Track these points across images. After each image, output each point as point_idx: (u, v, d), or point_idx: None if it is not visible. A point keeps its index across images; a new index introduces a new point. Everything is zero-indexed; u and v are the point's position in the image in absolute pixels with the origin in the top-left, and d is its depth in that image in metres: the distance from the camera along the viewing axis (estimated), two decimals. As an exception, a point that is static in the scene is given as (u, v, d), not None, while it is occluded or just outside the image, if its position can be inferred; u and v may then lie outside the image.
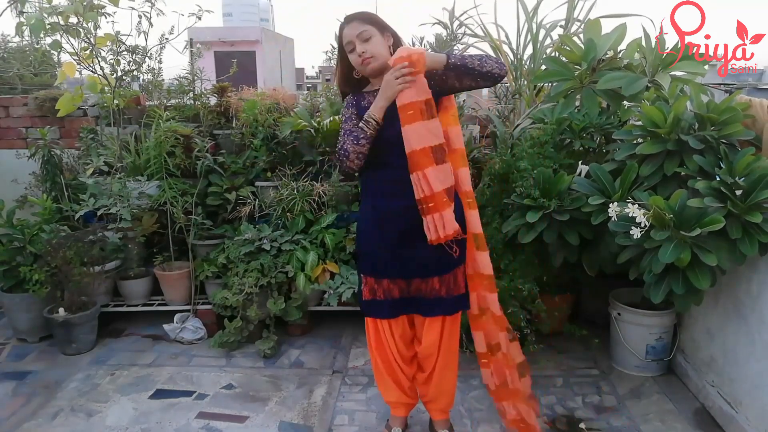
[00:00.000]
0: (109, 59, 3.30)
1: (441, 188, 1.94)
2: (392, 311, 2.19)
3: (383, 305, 2.17)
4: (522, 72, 3.61)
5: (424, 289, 2.14)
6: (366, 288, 2.17)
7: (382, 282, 2.14)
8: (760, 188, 2.05)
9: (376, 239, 2.12)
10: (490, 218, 3.01)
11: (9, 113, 4.06)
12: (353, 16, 2.02)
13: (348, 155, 1.96)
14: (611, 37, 2.89)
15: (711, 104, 2.37)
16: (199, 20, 3.33)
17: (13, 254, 3.22)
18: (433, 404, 2.36)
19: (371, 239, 2.14)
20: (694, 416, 2.52)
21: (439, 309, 2.17)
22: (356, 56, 2.00)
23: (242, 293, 3.10)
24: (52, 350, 3.25)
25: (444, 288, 2.13)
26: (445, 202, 1.96)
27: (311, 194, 3.29)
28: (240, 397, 2.76)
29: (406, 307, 2.20)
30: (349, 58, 2.04)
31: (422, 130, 1.91)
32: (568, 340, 3.15)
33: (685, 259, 2.09)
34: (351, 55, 2.02)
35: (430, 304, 2.16)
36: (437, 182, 1.93)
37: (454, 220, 1.98)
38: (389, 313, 2.19)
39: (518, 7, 3.53)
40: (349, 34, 2.00)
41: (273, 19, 22.59)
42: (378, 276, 2.15)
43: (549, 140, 2.88)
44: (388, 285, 2.14)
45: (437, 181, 1.93)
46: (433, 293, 2.14)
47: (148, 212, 3.45)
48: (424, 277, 2.12)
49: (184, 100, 3.64)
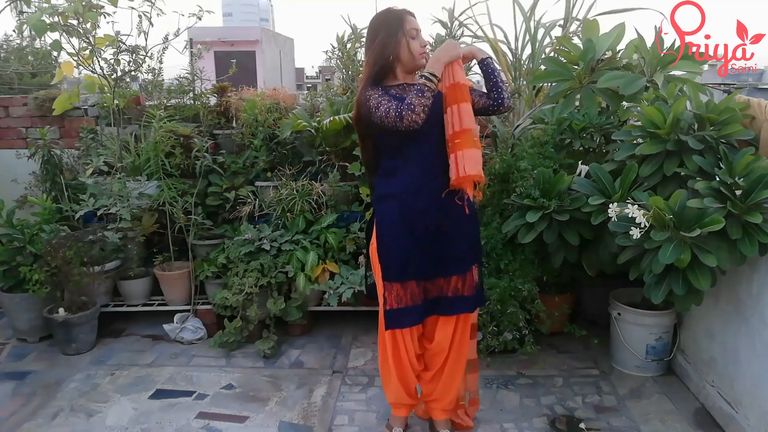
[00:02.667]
0: (109, 60, 3.30)
1: (470, 126, 2.01)
2: (420, 316, 2.17)
3: (410, 313, 2.13)
4: (521, 72, 3.60)
5: (445, 288, 2.16)
6: (391, 296, 2.10)
7: (408, 285, 2.11)
8: (759, 188, 2.05)
9: (405, 239, 2.09)
10: (490, 218, 3.01)
11: (9, 113, 4.06)
12: (412, 12, 2.09)
13: (413, 108, 1.91)
14: (610, 36, 2.90)
15: (710, 104, 2.37)
16: (199, 20, 3.33)
17: (13, 254, 3.21)
18: (437, 403, 2.36)
19: (399, 240, 2.10)
20: (694, 416, 2.52)
21: (460, 307, 2.18)
22: (419, 45, 2.05)
23: (242, 293, 3.10)
24: (52, 350, 3.25)
25: (465, 286, 2.15)
26: (474, 142, 2.01)
27: (311, 194, 3.29)
28: (240, 397, 2.76)
29: (428, 310, 2.20)
30: (409, 43, 2.04)
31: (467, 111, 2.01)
32: (569, 340, 3.15)
33: (685, 260, 2.09)
34: (414, 41, 2.05)
35: (451, 302, 2.17)
36: (467, 119, 2.01)
37: (479, 163, 2.02)
38: (418, 318, 2.16)
39: (515, 6, 3.53)
40: (414, 23, 2.06)
41: (273, 19, 22.61)
42: (405, 279, 2.10)
43: (549, 140, 2.89)
44: (414, 288, 2.12)
45: (467, 118, 2.01)
46: (455, 291, 2.16)
47: (147, 212, 3.45)
48: (447, 276, 2.14)
49: (184, 100, 3.64)
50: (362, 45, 3.63)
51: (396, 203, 2.10)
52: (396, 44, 2.03)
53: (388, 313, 2.12)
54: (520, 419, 2.54)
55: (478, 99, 2.14)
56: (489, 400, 2.69)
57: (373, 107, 1.99)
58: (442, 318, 2.22)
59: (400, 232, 2.10)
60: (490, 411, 2.59)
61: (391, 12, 2.07)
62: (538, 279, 2.96)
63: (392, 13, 2.06)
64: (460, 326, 2.25)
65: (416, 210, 2.08)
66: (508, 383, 2.83)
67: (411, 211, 2.08)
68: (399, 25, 2.03)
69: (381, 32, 2.05)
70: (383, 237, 2.14)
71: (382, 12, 2.10)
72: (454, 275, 2.14)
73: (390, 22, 2.04)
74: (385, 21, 2.06)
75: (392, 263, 2.11)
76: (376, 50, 2.05)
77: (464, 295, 2.16)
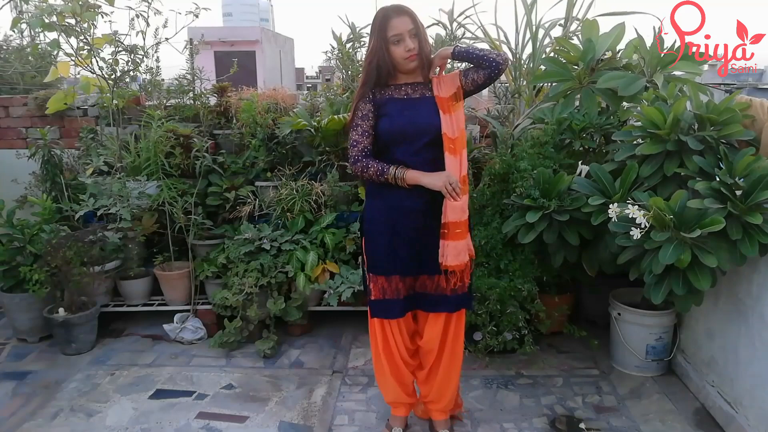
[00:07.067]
0: (107, 59, 3.29)
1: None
2: (402, 310, 2.22)
3: (394, 305, 2.19)
4: (521, 72, 3.60)
5: (429, 286, 2.19)
6: (375, 288, 2.18)
7: (392, 279, 2.16)
8: (760, 189, 2.05)
9: (390, 237, 2.14)
10: (490, 218, 3.01)
11: (9, 113, 4.06)
12: (404, 10, 2.02)
13: (367, 171, 2.07)
14: (610, 36, 2.89)
15: (710, 104, 2.37)
16: (196, 18, 3.33)
17: (13, 254, 3.21)
18: (435, 405, 2.37)
19: (384, 237, 2.15)
20: (694, 416, 2.52)
21: (442, 306, 2.20)
22: (403, 50, 2.00)
23: (242, 293, 3.10)
24: (52, 350, 3.25)
25: (449, 286, 2.16)
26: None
27: (311, 194, 3.29)
28: (240, 397, 2.76)
29: (412, 304, 2.25)
30: (390, 49, 2.01)
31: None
32: (568, 340, 3.15)
33: (685, 260, 2.09)
34: (396, 47, 2.00)
35: (434, 300, 2.20)
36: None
37: (460, 254, 2.09)
38: (400, 312, 2.21)
39: (515, 6, 3.53)
40: (399, 26, 1.99)
41: (273, 19, 22.56)
42: (389, 273, 2.16)
43: (549, 140, 2.88)
44: (398, 283, 2.17)
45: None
46: (437, 290, 2.18)
47: (148, 212, 3.45)
48: (432, 274, 2.16)
49: (183, 100, 3.64)
50: (362, 45, 3.64)
51: (384, 202, 2.15)
52: (381, 52, 2.03)
53: (373, 303, 2.21)
54: (520, 419, 2.54)
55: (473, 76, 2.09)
56: (489, 400, 2.69)
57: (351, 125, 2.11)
58: (431, 316, 2.25)
59: (386, 230, 2.15)
60: (490, 411, 2.59)
61: (376, 17, 2.05)
62: (538, 279, 2.96)
63: (376, 19, 2.05)
64: (452, 326, 2.26)
65: (403, 209, 2.12)
66: (507, 383, 2.83)
67: (398, 210, 2.12)
68: (382, 34, 2.02)
69: (371, 39, 2.07)
70: (370, 232, 2.20)
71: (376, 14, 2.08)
72: (438, 274, 2.16)
73: (374, 29, 2.05)
74: (373, 28, 2.07)
75: (378, 258, 2.18)
76: (366, 59, 2.10)
77: (446, 294, 2.18)
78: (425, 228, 2.12)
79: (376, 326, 2.26)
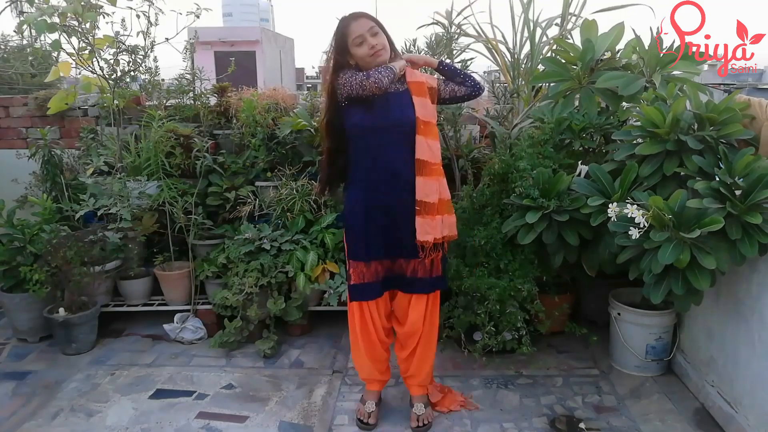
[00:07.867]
0: (108, 60, 3.29)
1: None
2: (380, 290, 2.37)
3: (372, 287, 2.34)
4: (519, 72, 3.60)
5: (406, 268, 2.35)
6: (355, 273, 2.33)
7: (370, 265, 2.31)
8: (759, 188, 2.05)
9: (368, 225, 2.29)
10: (490, 218, 3.01)
11: (9, 113, 4.06)
12: (360, 14, 2.18)
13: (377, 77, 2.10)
14: (609, 36, 2.89)
15: (710, 104, 2.36)
16: (197, 18, 3.33)
17: (13, 254, 3.22)
18: (413, 379, 2.51)
19: (363, 226, 2.30)
20: (694, 416, 2.52)
21: (418, 287, 2.36)
22: (367, 49, 2.15)
23: (242, 293, 3.10)
24: (52, 350, 3.25)
25: (421, 269, 2.32)
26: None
27: (311, 194, 3.29)
28: (240, 397, 2.76)
29: (389, 284, 2.40)
30: (354, 52, 2.18)
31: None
32: (568, 339, 3.15)
33: (684, 260, 2.09)
34: (359, 49, 2.17)
35: (410, 282, 2.36)
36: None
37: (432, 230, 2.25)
38: (378, 293, 2.37)
39: (511, 5, 3.52)
40: (357, 29, 2.15)
41: (273, 19, 22.58)
42: (368, 259, 2.31)
43: (548, 140, 2.88)
44: (376, 267, 2.33)
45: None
46: (413, 273, 2.34)
47: (148, 212, 3.45)
48: (408, 258, 2.32)
49: (184, 100, 3.64)
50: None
51: (361, 191, 2.30)
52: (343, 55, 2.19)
53: (353, 287, 2.35)
54: (520, 419, 2.54)
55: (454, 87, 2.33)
56: (489, 400, 2.69)
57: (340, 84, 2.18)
58: (414, 298, 2.37)
59: (363, 218, 2.29)
60: (489, 411, 2.60)
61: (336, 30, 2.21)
62: (537, 279, 2.95)
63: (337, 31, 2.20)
64: (430, 305, 2.41)
65: (379, 198, 2.26)
66: (507, 383, 2.83)
67: (374, 199, 2.26)
68: (343, 37, 2.17)
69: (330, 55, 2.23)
70: (349, 220, 2.37)
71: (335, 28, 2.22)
72: (414, 258, 2.30)
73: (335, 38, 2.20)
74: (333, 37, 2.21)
75: (356, 245, 2.33)
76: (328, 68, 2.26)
77: (421, 277, 2.33)
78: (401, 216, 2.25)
79: (355, 308, 2.39)
